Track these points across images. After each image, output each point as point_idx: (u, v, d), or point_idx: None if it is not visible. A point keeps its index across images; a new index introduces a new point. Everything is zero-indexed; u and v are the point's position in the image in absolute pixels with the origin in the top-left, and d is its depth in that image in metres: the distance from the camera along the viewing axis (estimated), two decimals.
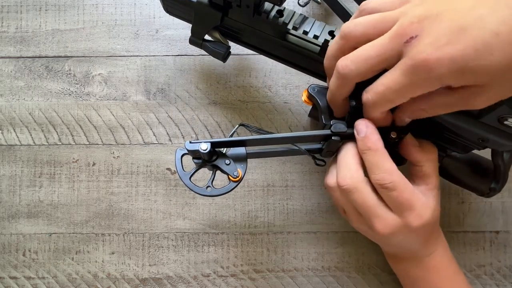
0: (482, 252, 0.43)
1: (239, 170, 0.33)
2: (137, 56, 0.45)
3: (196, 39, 0.39)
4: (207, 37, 0.39)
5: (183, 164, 0.34)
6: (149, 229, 0.43)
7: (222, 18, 0.36)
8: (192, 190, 0.33)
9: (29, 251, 0.43)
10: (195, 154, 0.33)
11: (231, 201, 0.44)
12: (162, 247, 0.43)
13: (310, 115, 0.42)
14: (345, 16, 0.39)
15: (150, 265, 0.43)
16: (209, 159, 0.33)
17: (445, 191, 0.43)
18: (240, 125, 0.36)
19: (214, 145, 0.32)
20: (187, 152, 0.33)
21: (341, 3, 0.39)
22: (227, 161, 0.34)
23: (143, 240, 0.43)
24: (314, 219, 0.43)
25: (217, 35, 0.38)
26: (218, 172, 0.34)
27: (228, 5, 0.35)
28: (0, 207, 0.44)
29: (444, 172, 0.37)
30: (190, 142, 0.32)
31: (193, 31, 0.38)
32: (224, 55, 0.38)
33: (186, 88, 0.45)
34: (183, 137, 0.44)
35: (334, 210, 0.43)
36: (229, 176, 0.33)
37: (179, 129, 0.44)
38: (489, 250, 0.43)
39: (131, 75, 0.45)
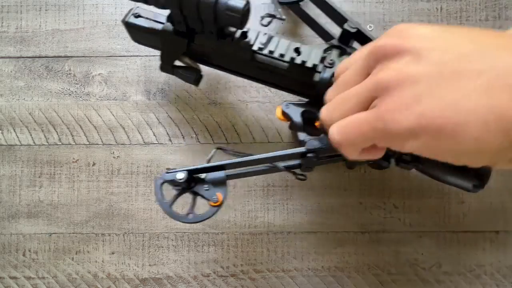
0: (482, 252, 0.43)
1: (218, 194, 0.34)
2: (137, 56, 0.45)
3: (166, 66, 0.39)
4: (179, 62, 0.39)
5: (163, 191, 0.34)
6: (149, 229, 0.43)
7: (188, 44, 0.36)
8: (173, 219, 0.33)
9: (29, 251, 0.43)
10: (173, 183, 0.33)
11: (231, 201, 0.44)
12: (162, 247, 0.43)
13: (290, 127, 0.42)
14: (334, 15, 0.38)
15: (150, 265, 0.43)
16: (187, 186, 0.34)
17: (444, 191, 0.43)
18: (217, 149, 0.37)
19: (191, 172, 0.33)
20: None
21: (329, 3, 0.38)
22: (206, 187, 0.34)
23: (143, 240, 0.43)
24: (314, 219, 0.43)
25: (187, 60, 0.38)
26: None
27: (192, 31, 0.35)
28: (0, 207, 0.44)
29: (426, 170, 0.37)
30: (167, 172, 0.33)
31: (162, 58, 0.38)
32: (195, 79, 0.39)
33: (186, 88, 0.45)
34: (183, 137, 0.44)
35: (334, 210, 0.43)
36: (209, 202, 0.34)
37: (179, 129, 0.44)
38: (489, 250, 0.43)
39: (131, 75, 0.45)
